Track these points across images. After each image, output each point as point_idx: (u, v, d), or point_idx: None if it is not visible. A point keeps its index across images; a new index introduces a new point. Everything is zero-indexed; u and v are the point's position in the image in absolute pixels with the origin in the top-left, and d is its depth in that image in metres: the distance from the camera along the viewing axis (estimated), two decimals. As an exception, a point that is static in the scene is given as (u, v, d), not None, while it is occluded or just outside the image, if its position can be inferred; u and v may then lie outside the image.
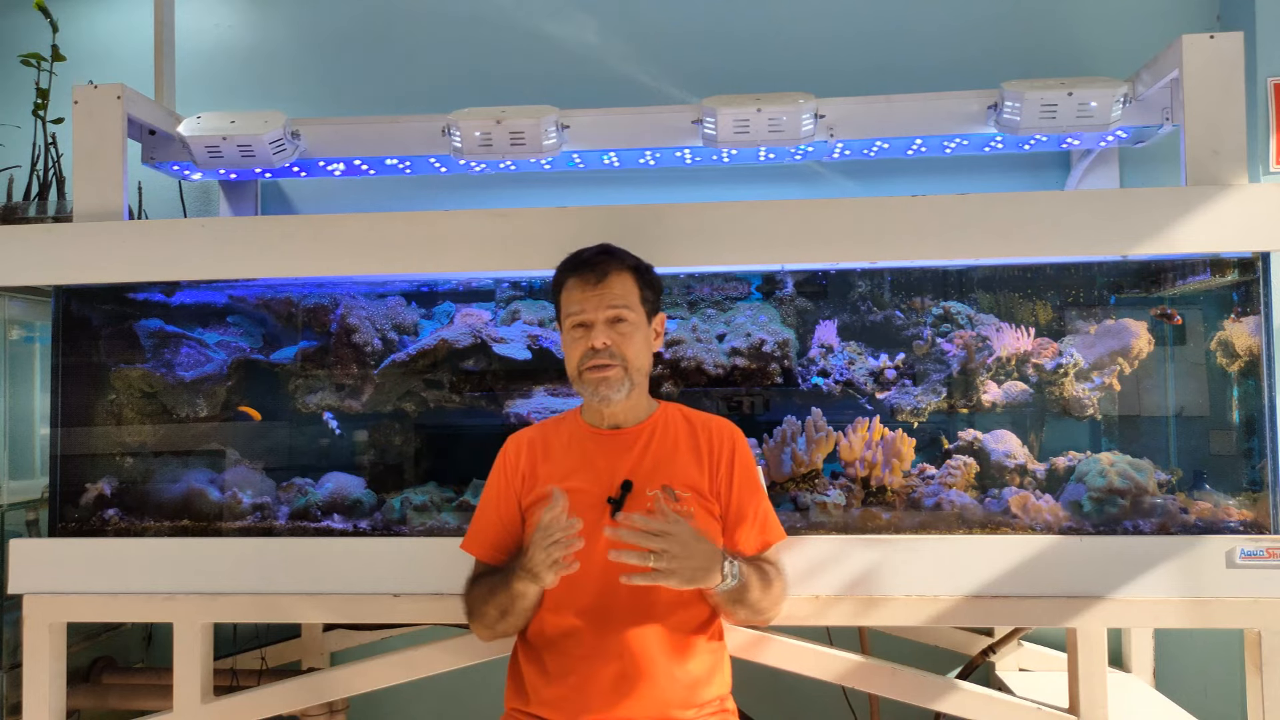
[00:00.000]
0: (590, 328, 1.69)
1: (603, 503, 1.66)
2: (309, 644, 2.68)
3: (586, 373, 1.69)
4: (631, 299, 1.71)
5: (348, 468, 2.24)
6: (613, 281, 1.70)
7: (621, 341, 1.69)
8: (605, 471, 1.70)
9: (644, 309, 1.74)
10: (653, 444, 1.73)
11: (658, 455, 1.72)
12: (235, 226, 2.14)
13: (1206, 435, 2.10)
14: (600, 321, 1.68)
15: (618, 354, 1.68)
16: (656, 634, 1.62)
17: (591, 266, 1.71)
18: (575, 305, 1.70)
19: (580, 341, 1.70)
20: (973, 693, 1.92)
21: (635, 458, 1.71)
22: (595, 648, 1.61)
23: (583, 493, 1.67)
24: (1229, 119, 1.95)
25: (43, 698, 2.03)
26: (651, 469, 1.70)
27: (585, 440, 1.76)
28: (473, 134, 2.24)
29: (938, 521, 2.02)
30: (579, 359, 1.70)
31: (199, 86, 2.87)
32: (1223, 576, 1.86)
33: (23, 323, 2.54)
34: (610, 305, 1.68)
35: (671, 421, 1.78)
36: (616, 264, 1.72)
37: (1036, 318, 2.22)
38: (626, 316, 1.69)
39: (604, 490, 1.68)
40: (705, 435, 1.76)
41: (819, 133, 2.27)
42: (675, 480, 1.69)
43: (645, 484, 1.68)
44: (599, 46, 2.84)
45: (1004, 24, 2.74)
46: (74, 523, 2.14)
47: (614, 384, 1.68)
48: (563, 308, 1.75)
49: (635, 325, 1.71)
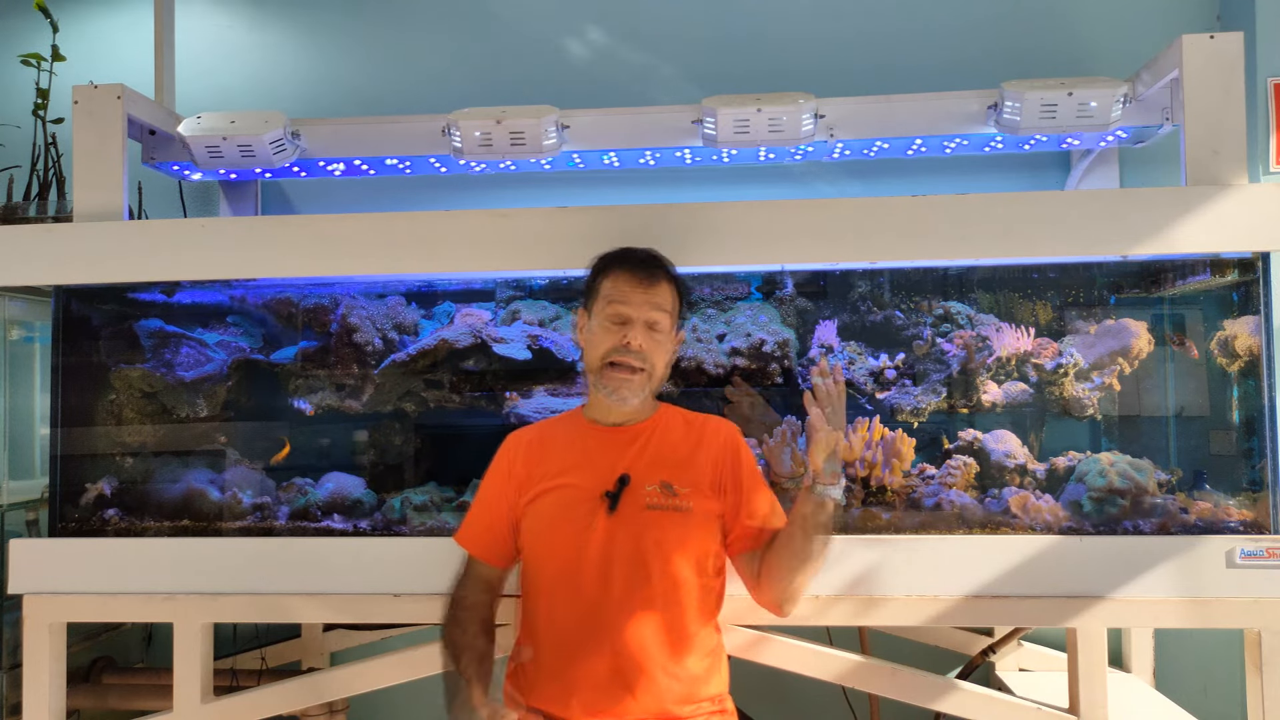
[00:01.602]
0: (629, 324, 1.68)
1: (599, 498, 1.66)
2: (309, 644, 2.68)
3: (610, 369, 1.69)
4: (670, 307, 1.73)
5: (348, 468, 2.24)
6: (661, 287, 1.71)
7: (654, 348, 1.70)
8: (604, 467, 1.70)
9: (675, 322, 1.75)
10: (652, 441, 1.74)
11: (657, 451, 1.72)
12: (235, 226, 2.14)
13: (1206, 435, 2.10)
14: (640, 321, 1.68)
15: (647, 359, 1.69)
16: (652, 629, 1.62)
17: (645, 265, 1.72)
18: (621, 296, 1.69)
19: (614, 333, 1.68)
20: (973, 693, 1.92)
21: (635, 453, 1.72)
22: (591, 642, 1.61)
23: (580, 488, 1.68)
24: (1229, 119, 1.95)
25: (43, 698, 2.03)
26: (650, 464, 1.70)
27: (586, 436, 1.76)
28: (473, 134, 2.24)
29: (938, 521, 2.02)
30: (608, 349, 1.69)
31: (199, 86, 2.87)
32: (1223, 576, 1.86)
33: (23, 323, 2.54)
34: (655, 307, 1.69)
35: (671, 422, 1.78)
36: (665, 272, 1.74)
37: (1036, 318, 2.22)
38: (663, 325, 1.71)
39: (601, 485, 1.67)
40: (706, 436, 1.76)
41: (819, 133, 2.27)
42: (675, 475, 1.70)
43: (643, 479, 1.68)
44: (599, 46, 2.84)
45: (1004, 24, 2.74)
46: (74, 523, 2.14)
47: (635, 388, 1.69)
48: (602, 294, 1.72)
49: (666, 335, 1.73)
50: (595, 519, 1.65)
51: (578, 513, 1.66)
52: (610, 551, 1.63)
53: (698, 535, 1.67)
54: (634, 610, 1.62)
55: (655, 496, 1.66)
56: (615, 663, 1.60)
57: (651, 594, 1.63)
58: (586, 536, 1.64)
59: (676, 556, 1.64)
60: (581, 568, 1.63)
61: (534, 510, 1.70)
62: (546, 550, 1.68)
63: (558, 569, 1.66)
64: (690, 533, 1.66)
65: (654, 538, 1.64)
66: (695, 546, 1.67)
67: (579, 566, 1.63)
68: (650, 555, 1.63)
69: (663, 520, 1.65)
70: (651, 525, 1.64)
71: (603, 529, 1.64)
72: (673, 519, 1.65)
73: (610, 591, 1.62)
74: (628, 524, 1.64)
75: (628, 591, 1.62)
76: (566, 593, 1.65)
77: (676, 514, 1.66)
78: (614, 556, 1.63)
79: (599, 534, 1.64)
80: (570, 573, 1.64)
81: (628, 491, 1.66)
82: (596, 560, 1.63)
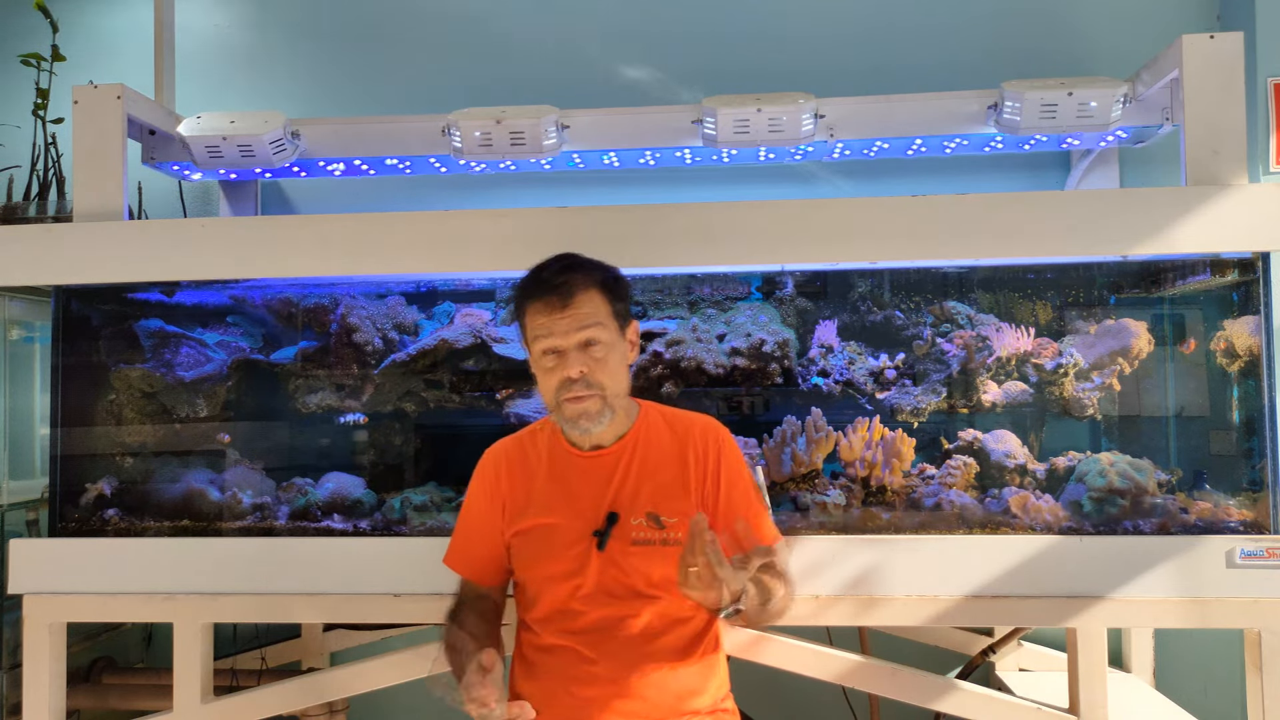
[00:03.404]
0: (562, 354, 1.57)
1: (588, 536, 1.62)
2: (309, 644, 2.68)
3: (565, 404, 1.59)
4: (602, 314, 1.59)
5: (348, 468, 2.24)
6: (580, 301, 1.57)
7: (597, 368, 1.58)
8: (589, 504, 1.65)
9: (616, 323, 1.62)
10: (634, 464, 1.67)
11: (640, 476, 1.66)
12: (235, 226, 2.14)
13: (1206, 435, 2.10)
14: (571, 348, 1.57)
15: (594, 382, 1.58)
16: (649, 660, 1.60)
17: (554, 288, 1.57)
18: (542, 330, 1.58)
19: (554, 371, 1.58)
20: (973, 693, 1.92)
21: (619, 482, 1.66)
22: (587, 671, 1.60)
23: (567, 528, 1.64)
24: (1229, 119, 1.95)
25: (43, 698, 2.03)
26: (634, 493, 1.65)
27: (566, 467, 1.69)
28: (473, 134, 2.24)
29: (938, 521, 2.02)
30: (555, 389, 1.59)
31: (199, 86, 2.87)
32: (1223, 576, 1.86)
33: (23, 323, 2.54)
34: (581, 327, 1.56)
35: (653, 431, 1.71)
36: (581, 280, 1.59)
37: (1036, 318, 2.22)
38: (599, 338, 1.58)
39: (588, 524, 1.63)
40: (689, 440, 1.69)
41: (819, 133, 2.27)
42: (662, 504, 1.64)
43: (629, 511, 1.63)
44: (599, 46, 2.83)
45: (1004, 24, 2.73)
46: (74, 523, 2.14)
47: (594, 416, 1.59)
48: (528, 333, 1.62)
49: (609, 345, 1.60)
50: (586, 559, 1.61)
51: (567, 554, 1.62)
52: (604, 587, 1.61)
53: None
54: (629, 640, 1.60)
55: (642, 530, 1.62)
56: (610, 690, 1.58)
57: (645, 624, 1.61)
58: (579, 578, 1.62)
59: (666, 590, 1.60)
60: (573, 604, 1.62)
61: (522, 546, 1.68)
62: (538, 589, 1.66)
63: (550, 605, 1.64)
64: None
65: (643, 574, 1.60)
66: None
67: (571, 603, 1.62)
68: (641, 591, 1.61)
69: (651, 555, 1.61)
70: (640, 561, 1.60)
71: (595, 567, 1.61)
72: (661, 554, 1.60)
73: (604, 623, 1.61)
74: (617, 560, 1.61)
75: (621, 623, 1.61)
76: (563, 623, 1.63)
77: (664, 548, 1.60)
78: (607, 591, 1.61)
79: (592, 572, 1.61)
80: (562, 608, 1.63)
81: (616, 529, 1.62)
82: (588, 596, 1.61)
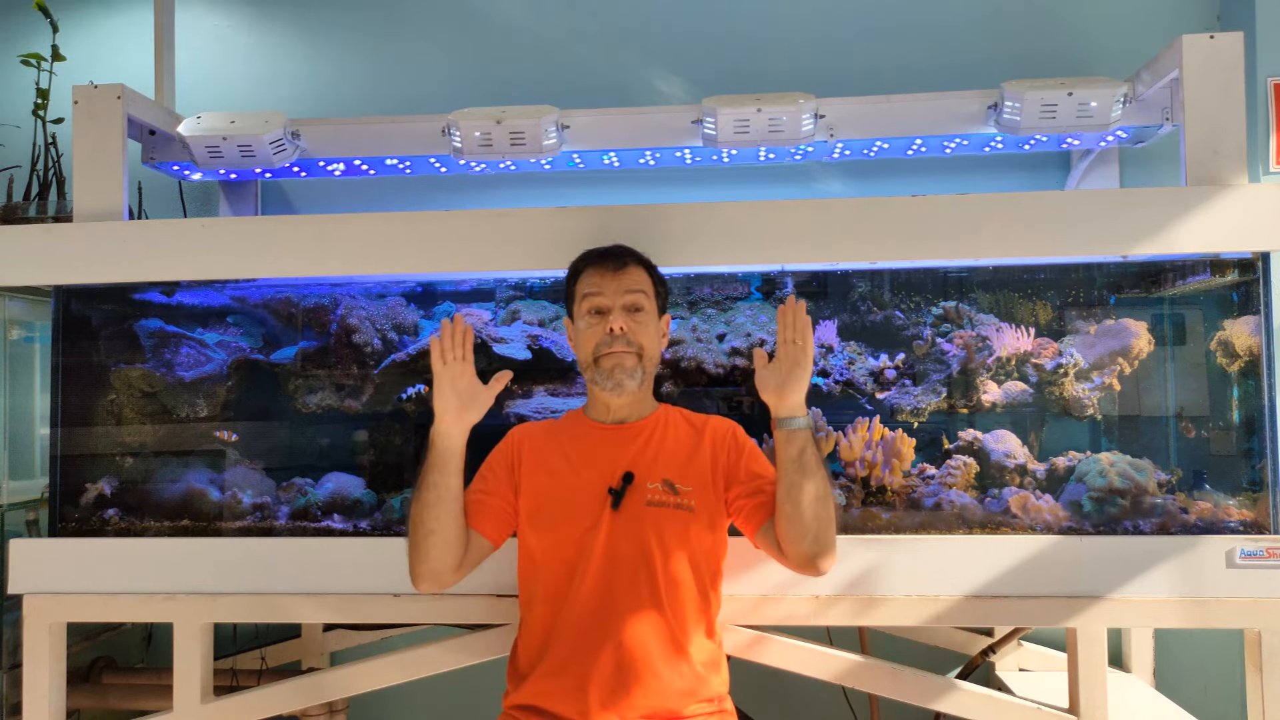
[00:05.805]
0: (607, 314, 1.72)
1: (604, 493, 1.68)
2: (309, 644, 2.68)
3: (603, 359, 1.71)
4: (648, 289, 1.77)
5: (348, 468, 2.24)
6: (632, 271, 1.76)
7: (637, 329, 1.72)
8: (607, 463, 1.71)
9: (656, 304, 1.79)
10: (654, 438, 1.75)
11: (659, 448, 1.74)
12: (235, 226, 2.14)
13: (1206, 435, 2.09)
14: (618, 307, 1.72)
15: (633, 341, 1.71)
16: (654, 625, 1.63)
17: (612, 255, 1.77)
18: (594, 288, 1.74)
19: (596, 327, 1.72)
20: (973, 693, 1.92)
21: (637, 449, 1.73)
22: (594, 638, 1.62)
23: (585, 484, 1.69)
24: (1229, 119, 1.95)
25: (43, 698, 2.03)
26: (653, 461, 1.72)
27: (589, 434, 1.78)
28: (473, 134, 2.24)
29: (938, 521, 2.02)
30: (595, 345, 1.72)
31: (199, 86, 2.87)
32: (1223, 576, 1.86)
33: (23, 323, 2.54)
34: (629, 290, 1.73)
35: (672, 421, 1.80)
36: (635, 257, 1.79)
37: (1036, 318, 2.22)
38: (643, 304, 1.74)
39: (605, 481, 1.69)
40: (706, 433, 1.78)
41: (819, 133, 2.27)
42: (677, 472, 1.71)
43: (646, 475, 1.69)
44: (599, 46, 2.84)
45: (1004, 24, 2.73)
46: (74, 523, 2.14)
47: (629, 370, 1.71)
48: (579, 293, 1.77)
49: (650, 315, 1.76)
50: (600, 515, 1.66)
51: (582, 510, 1.67)
52: (614, 547, 1.64)
53: (699, 534, 1.68)
54: (636, 606, 1.63)
55: (658, 494, 1.68)
56: (616, 657, 1.60)
57: (653, 590, 1.64)
58: (592, 534, 1.65)
59: (677, 554, 1.65)
60: (586, 564, 1.64)
61: (536, 506, 1.70)
62: (551, 545, 1.68)
63: (562, 565, 1.66)
64: (691, 531, 1.67)
65: (656, 534, 1.65)
66: (695, 546, 1.68)
67: (584, 563, 1.64)
68: (653, 551, 1.64)
69: (665, 517, 1.66)
70: (654, 521, 1.65)
71: (607, 525, 1.65)
72: (675, 516, 1.66)
73: (614, 587, 1.63)
74: (631, 520, 1.65)
75: (631, 587, 1.63)
76: (571, 589, 1.65)
77: (679, 511, 1.67)
78: (618, 553, 1.64)
79: (603, 530, 1.65)
80: (575, 569, 1.65)
81: (631, 488, 1.68)
82: (601, 556, 1.64)
